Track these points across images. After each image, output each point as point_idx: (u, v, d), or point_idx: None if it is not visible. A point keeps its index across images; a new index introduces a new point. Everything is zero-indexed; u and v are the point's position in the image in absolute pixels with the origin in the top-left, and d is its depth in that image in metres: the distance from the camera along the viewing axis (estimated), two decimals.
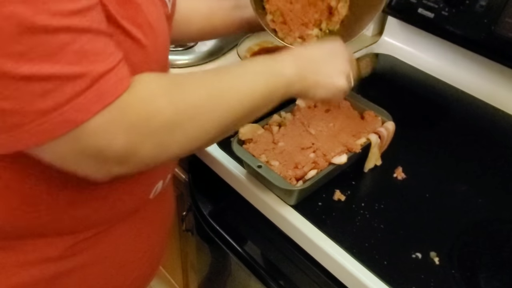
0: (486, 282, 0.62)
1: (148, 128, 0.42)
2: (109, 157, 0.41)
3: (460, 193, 0.75)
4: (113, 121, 0.40)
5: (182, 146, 0.46)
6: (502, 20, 0.88)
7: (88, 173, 0.43)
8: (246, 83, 0.52)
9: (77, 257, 0.58)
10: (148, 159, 0.44)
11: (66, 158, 0.41)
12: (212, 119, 0.48)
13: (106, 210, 0.58)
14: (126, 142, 0.41)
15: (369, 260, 0.63)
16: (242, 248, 0.80)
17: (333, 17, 0.76)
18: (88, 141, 0.40)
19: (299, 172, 0.68)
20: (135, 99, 0.42)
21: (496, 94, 0.97)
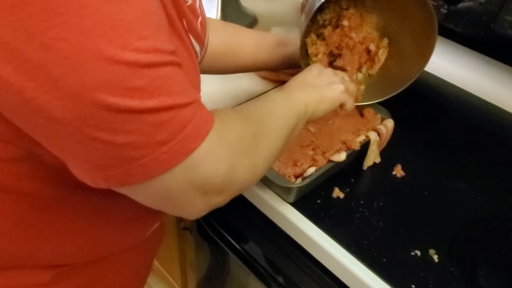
0: (485, 279, 0.62)
1: (242, 145, 0.46)
2: (214, 183, 0.43)
3: (459, 190, 0.75)
4: (217, 143, 0.42)
5: (266, 163, 0.50)
6: (501, 17, 0.88)
7: (189, 208, 0.44)
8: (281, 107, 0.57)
9: (65, 283, 0.57)
10: (244, 182, 0.47)
11: (174, 191, 0.42)
12: (274, 137, 0.52)
13: (102, 246, 0.58)
14: (229, 162, 0.43)
15: (368, 257, 0.63)
16: (241, 246, 0.80)
17: (374, 64, 0.77)
18: (198, 167, 0.41)
19: (298, 169, 0.67)
20: (224, 122, 0.45)
21: (495, 91, 0.97)
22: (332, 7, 0.74)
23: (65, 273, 0.56)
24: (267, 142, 0.50)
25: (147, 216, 0.61)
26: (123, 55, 0.34)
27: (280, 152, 0.54)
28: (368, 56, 0.77)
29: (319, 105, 0.61)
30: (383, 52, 0.77)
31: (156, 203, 0.44)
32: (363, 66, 0.78)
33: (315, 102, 0.61)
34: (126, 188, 0.41)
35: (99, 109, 0.35)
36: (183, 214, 0.46)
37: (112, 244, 0.59)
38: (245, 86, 0.92)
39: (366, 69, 0.78)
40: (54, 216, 0.51)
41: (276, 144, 0.52)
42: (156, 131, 0.38)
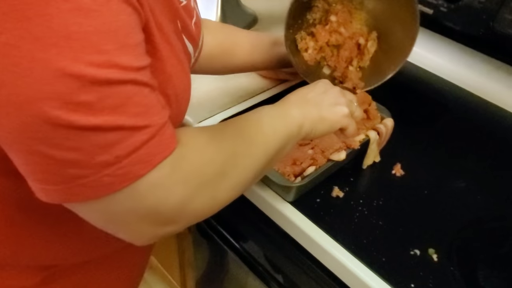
0: (484, 278, 0.62)
1: (202, 178, 0.42)
2: (162, 214, 0.40)
3: (459, 190, 0.75)
4: (170, 174, 0.39)
5: (229, 195, 0.47)
6: (501, 16, 0.88)
7: (133, 235, 0.42)
8: (268, 125, 0.53)
9: (56, 284, 0.57)
10: (200, 212, 0.44)
11: (116, 217, 0.40)
12: (250, 164, 0.49)
13: (94, 247, 0.57)
14: (182, 195, 0.40)
15: (367, 256, 0.63)
16: (240, 245, 0.80)
17: (364, 56, 0.78)
18: (145, 196, 0.39)
19: (297, 168, 0.67)
20: (188, 150, 0.42)
21: (495, 90, 0.97)
22: (321, 5, 0.76)
23: (55, 275, 0.56)
24: (237, 171, 0.47)
25: None
26: (73, 67, 0.33)
27: (257, 175, 0.51)
28: (359, 50, 0.78)
29: (317, 125, 0.58)
30: (372, 44, 0.79)
31: (101, 225, 0.42)
32: (354, 59, 0.79)
33: (312, 122, 0.57)
34: (69, 205, 0.40)
35: (41, 121, 0.34)
36: (128, 240, 0.43)
37: (101, 245, 0.58)
38: (244, 84, 0.92)
39: (357, 62, 0.79)
40: (42, 215, 0.50)
41: (250, 170, 0.49)
42: (100, 151, 0.36)
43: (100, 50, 0.34)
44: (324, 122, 0.58)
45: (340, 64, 0.78)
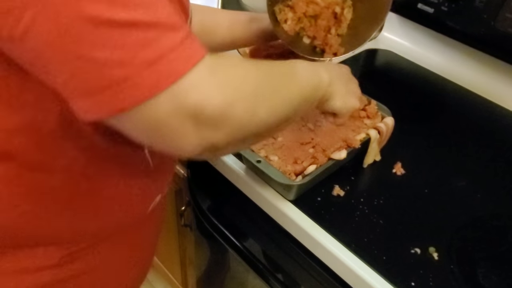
0: (484, 277, 0.62)
1: (239, 89, 0.43)
2: (206, 115, 0.40)
3: (459, 188, 0.75)
4: (209, 78, 0.40)
5: (267, 114, 0.46)
6: (502, 15, 0.88)
7: (182, 140, 0.41)
8: (301, 73, 0.55)
9: (72, 265, 0.58)
10: (241, 124, 0.43)
11: (164, 119, 0.39)
12: (285, 94, 0.50)
13: (105, 223, 0.58)
14: (222, 100, 0.41)
15: (368, 255, 0.63)
16: (241, 243, 0.80)
17: (341, 23, 0.79)
18: (188, 95, 0.39)
19: (298, 167, 0.67)
20: (222, 62, 0.43)
21: (496, 89, 0.97)
22: None
23: (72, 256, 0.57)
24: (274, 96, 0.48)
25: (148, 188, 0.61)
26: None
27: (291, 113, 0.51)
28: (336, 19, 0.80)
29: (336, 97, 0.60)
30: (348, 11, 0.79)
31: (147, 135, 0.42)
32: (332, 28, 0.80)
33: (334, 91, 0.60)
34: (116, 119, 0.40)
35: (80, 20, 0.35)
36: (175, 148, 0.42)
37: (115, 219, 0.59)
38: None
39: (335, 30, 0.80)
40: (58, 188, 0.51)
41: (286, 101, 0.49)
42: (141, 48, 0.37)
43: None
44: (341, 99, 0.61)
45: (319, 33, 0.80)
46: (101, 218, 0.57)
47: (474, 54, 0.98)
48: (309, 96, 0.55)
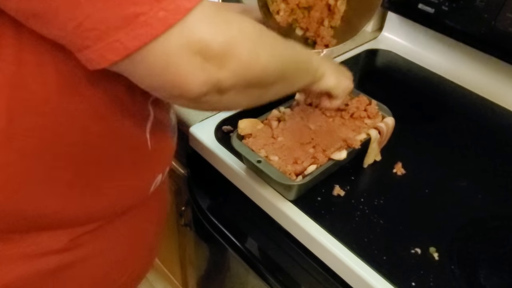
0: (485, 278, 0.62)
1: (243, 29, 0.45)
2: (212, 51, 0.42)
3: (460, 189, 0.75)
4: (214, 15, 0.42)
5: (268, 60, 0.48)
6: (503, 15, 0.88)
7: (190, 76, 0.42)
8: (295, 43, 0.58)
9: (78, 250, 0.59)
10: (245, 64, 0.45)
11: (174, 55, 0.41)
12: (284, 49, 0.53)
13: (108, 203, 0.58)
14: (227, 36, 0.42)
15: (368, 255, 0.63)
16: (241, 243, 0.80)
17: (334, 15, 0.79)
18: (195, 30, 0.41)
19: (298, 167, 0.67)
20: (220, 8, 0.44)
21: (496, 89, 0.97)
22: None
23: (78, 239, 0.58)
24: (272, 45, 0.50)
25: (148, 167, 0.62)
26: None
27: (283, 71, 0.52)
28: (329, 11, 0.80)
29: (329, 75, 0.63)
30: (342, 3, 0.80)
31: (156, 77, 0.43)
32: (325, 19, 0.80)
33: (326, 70, 0.63)
34: (129, 61, 0.41)
35: None
36: (182, 87, 0.43)
37: (117, 198, 0.59)
38: None
39: (328, 22, 0.81)
40: (61, 168, 0.51)
41: (281, 56, 0.52)
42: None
43: None
44: (335, 77, 0.64)
45: (312, 25, 0.80)
46: (104, 197, 0.57)
47: (474, 54, 0.98)
48: (305, 64, 0.58)
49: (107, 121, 0.52)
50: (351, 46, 1.11)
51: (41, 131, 0.48)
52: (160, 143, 0.62)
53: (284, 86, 0.56)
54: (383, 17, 1.15)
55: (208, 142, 0.80)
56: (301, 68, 0.58)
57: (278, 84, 0.53)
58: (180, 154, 0.96)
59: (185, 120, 0.85)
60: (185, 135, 0.85)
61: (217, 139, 0.80)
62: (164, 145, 0.64)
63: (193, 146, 0.84)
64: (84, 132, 0.51)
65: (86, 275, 0.61)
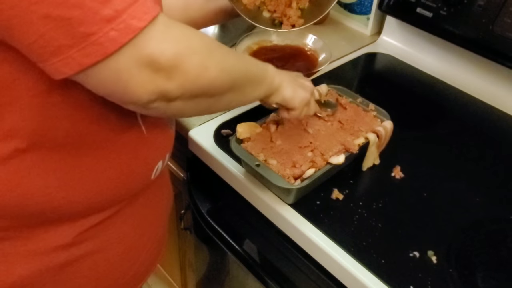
0: (483, 281, 0.62)
1: (191, 45, 0.48)
2: (161, 65, 0.44)
3: (458, 192, 0.75)
4: (163, 32, 0.45)
5: (216, 73, 0.50)
6: (501, 19, 0.88)
7: (139, 88, 0.45)
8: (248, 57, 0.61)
9: (86, 244, 0.60)
10: (192, 76, 0.48)
11: (124, 71, 0.44)
12: (234, 62, 0.55)
13: (111, 191, 0.59)
14: (175, 52, 0.45)
15: (367, 258, 0.63)
16: (240, 247, 0.80)
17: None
18: (145, 48, 0.43)
19: (297, 171, 0.68)
20: (174, 22, 0.47)
21: (494, 93, 0.98)
22: None
23: (85, 234, 0.59)
24: (222, 58, 0.52)
25: (147, 154, 0.62)
26: None
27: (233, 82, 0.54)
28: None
29: (285, 87, 0.63)
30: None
31: (109, 87, 0.45)
32: (293, 2, 0.82)
33: (282, 81, 0.63)
34: (83, 74, 0.43)
35: None
36: (132, 96, 0.46)
37: (119, 186, 0.60)
38: None
39: (296, 3, 0.82)
40: (57, 160, 0.53)
41: (232, 68, 0.53)
42: (100, 6, 0.40)
43: None
44: (291, 89, 0.64)
45: (279, 8, 0.81)
46: (105, 187, 0.58)
47: (472, 58, 0.98)
48: (257, 76, 0.59)
49: (94, 109, 0.53)
50: (349, 50, 1.12)
51: (32, 124, 0.49)
52: (157, 128, 0.63)
53: (235, 97, 0.57)
54: (382, 21, 1.16)
55: (207, 146, 0.80)
56: (253, 80, 0.59)
57: (228, 95, 0.55)
58: (180, 158, 0.96)
59: (184, 124, 0.85)
60: (185, 139, 0.86)
61: (216, 143, 0.80)
62: (161, 130, 0.64)
63: (193, 150, 0.85)
64: (73, 121, 0.52)
65: (95, 268, 0.62)
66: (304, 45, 0.95)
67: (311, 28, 0.86)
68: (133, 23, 0.42)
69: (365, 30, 1.20)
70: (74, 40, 0.40)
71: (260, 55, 0.93)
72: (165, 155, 0.67)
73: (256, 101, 0.64)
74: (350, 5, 1.20)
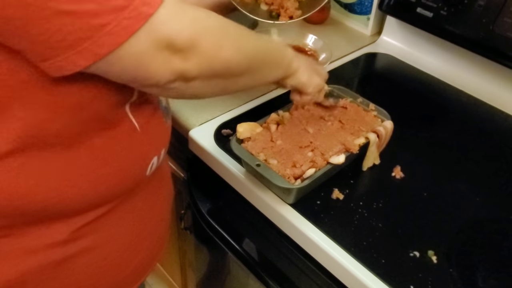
0: (483, 280, 0.62)
1: (206, 24, 0.49)
2: (178, 45, 0.46)
3: (458, 192, 0.75)
4: (176, 14, 0.46)
5: (232, 53, 0.51)
6: (501, 19, 0.88)
7: (158, 70, 0.47)
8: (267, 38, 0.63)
9: (82, 241, 0.59)
10: (208, 55, 0.49)
11: (141, 55, 0.45)
12: (250, 42, 0.56)
13: (105, 188, 0.58)
14: (190, 32, 0.46)
15: (367, 258, 0.63)
16: (241, 247, 0.80)
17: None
18: (160, 30, 0.44)
19: (297, 170, 0.68)
20: (187, 4, 0.47)
21: (495, 93, 0.98)
22: None
23: (81, 230, 0.58)
24: (237, 39, 0.53)
25: (141, 149, 0.62)
26: None
27: (249, 64, 0.55)
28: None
29: (301, 72, 0.65)
30: None
31: (131, 73, 0.46)
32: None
33: (298, 67, 0.64)
34: (105, 63, 0.44)
35: None
36: (154, 78, 0.48)
37: (114, 182, 0.59)
38: None
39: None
40: (50, 158, 0.52)
41: (247, 49, 0.54)
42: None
43: None
44: (307, 74, 0.66)
45: (277, 0, 0.80)
46: (98, 182, 0.57)
47: (473, 58, 0.98)
48: (275, 58, 0.61)
49: (84, 109, 0.52)
50: (350, 50, 1.12)
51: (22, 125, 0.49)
52: (150, 124, 0.62)
53: (252, 78, 0.59)
54: (382, 21, 1.16)
55: (207, 145, 0.80)
56: (270, 61, 0.60)
57: (245, 75, 0.56)
58: (180, 158, 0.97)
59: (185, 124, 0.85)
60: (185, 139, 0.86)
61: (217, 143, 0.80)
62: (155, 126, 0.64)
63: (193, 149, 0.85)
64: (63, 123, 0.51)
65: (92, 265, 0.61)
66: (305, 45, 0.95)
67: (311, 28, 0.86)
68: (144, 9, 0.43)
69: (365, 30, 1.20)
70: (89, 33, 0.41)
71: None
72: (160, 150, 0.66)
73: (272, 82, 0.65)
74: (350, 5, 1.20)
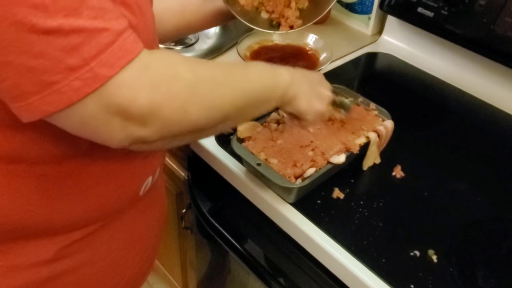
0: (484, 280, 0.62)
1: (170, 88, 0.44)
2: (133, 114, 0.42)
3: (459, 191, 0.75)
4: (137, 78, 0.42)
5: (200, 114, 0.47)
6: (502, 19, 0.88)
7: (109, 135, 0.43)
8: (255, 73, 0.56)
9: (69, 259, 0.58)
10: (170, 122, 0.45)
11: (91, 118, 0.42)
12: (228, 93, 0.50)
13: (96, 207, 0.57)
14: (149, 100, 0.42)
15: (367, 257, 0.63)
16: (242, 246, 0.80)
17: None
18: (114, 96, 0.41)
19: (297, 170, 0.68)
20: (156, 60, 0.44)
21: (495, 93, 0.98)
22: None
23: (68, 249, 0.57)
24: (213, 94, 0.48)
25: (135, 169, 0.60)
26: None
27: (234, 111, 0.51)
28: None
29: (300, 98, 0.61)
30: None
31: (79, 131, 0.44)
32: (292, 2, 0.82)
33: (298, 91, 0.60)
34: (51, 118, 0.42)
35: (6, 26, 0.36)
36: (105, 141, 0.45)
37: (105, 202, 0.58)
38: None
39: (295, 3, 0.82)
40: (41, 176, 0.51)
41: (228, 100, 0.50)
42: (66, 55, 0.38)
43: None
44: (306, 101, 0.61)
45: (278, 8, 0.80)
46: (90, 202, 0.56)
47: (473, 57, 0.98)
48: (262, 96, 0.56)
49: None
50: (350, 50, 1.12)
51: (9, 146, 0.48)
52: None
53: (234, 121, 0.55)
54: (383, 21, 1.16)
55: (208, 145, 0.80)
56: (257, 101, 0.55)
57: (224, 123, 0.52)
58: (181, 157, 0.97)
59: None
60: None
61: (217, 142, 0.80)
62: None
63: (194, 149, 0.85)
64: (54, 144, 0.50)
65: (79, 284, 0.60)
66: (305, 45, 0.95)
67: (312, 28, 0.86)
68: (101, 71, 0.39)
69: (366, 30, 1.20)
70: (36, 88, 0.39)
71: (261, 55, 0.93)
72: (155, 170, 0.65)
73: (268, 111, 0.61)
74: (351, 4, 1.20)
